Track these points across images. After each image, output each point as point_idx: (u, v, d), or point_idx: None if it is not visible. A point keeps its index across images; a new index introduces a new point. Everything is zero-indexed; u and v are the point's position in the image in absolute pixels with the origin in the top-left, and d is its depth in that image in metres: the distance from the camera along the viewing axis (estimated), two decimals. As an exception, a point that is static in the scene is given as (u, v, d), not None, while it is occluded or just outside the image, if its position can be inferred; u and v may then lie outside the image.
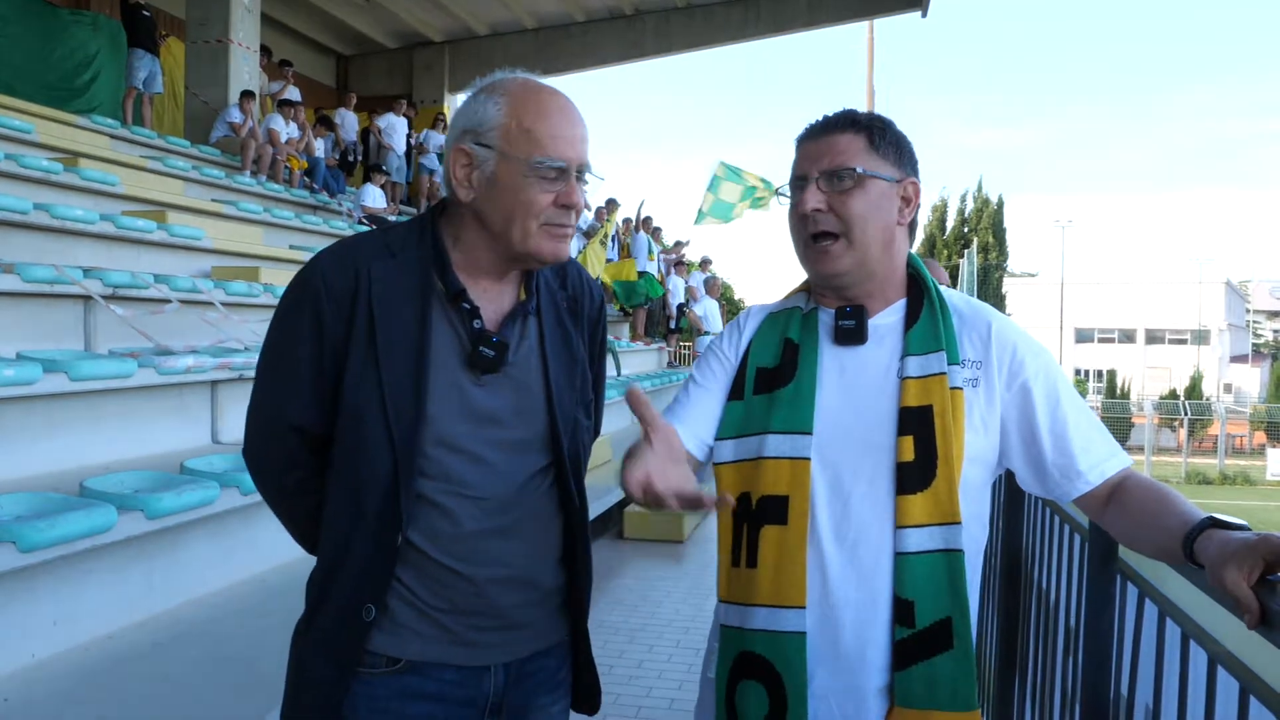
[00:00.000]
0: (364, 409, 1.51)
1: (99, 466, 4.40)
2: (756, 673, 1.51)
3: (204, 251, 7.80)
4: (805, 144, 1.62)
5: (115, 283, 5.58)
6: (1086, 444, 1.57)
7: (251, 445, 1.68)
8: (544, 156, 1.52)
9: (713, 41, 18.62)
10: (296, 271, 1.63)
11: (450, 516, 1.54)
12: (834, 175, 1.55)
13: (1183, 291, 53.87)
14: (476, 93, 1.60)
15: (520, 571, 1.58)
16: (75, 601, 3.52)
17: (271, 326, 1.63)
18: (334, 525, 1.56)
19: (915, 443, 1.51)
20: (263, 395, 1.64)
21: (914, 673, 1.48)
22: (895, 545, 1.50)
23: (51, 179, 7.37)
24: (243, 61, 13.44)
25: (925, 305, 1.60)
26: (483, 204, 1.56)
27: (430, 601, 1.54)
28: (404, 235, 1.61)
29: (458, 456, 1.54)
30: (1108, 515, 1.57)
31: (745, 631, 1.53)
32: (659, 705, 4.21)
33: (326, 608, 1.55)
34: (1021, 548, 3.00)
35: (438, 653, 1.55)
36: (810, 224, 1.57)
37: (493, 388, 1.57)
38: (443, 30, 18.63)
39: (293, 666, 1.60)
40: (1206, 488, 32.94)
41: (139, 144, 10.73)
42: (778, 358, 1.62)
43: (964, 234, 39.59)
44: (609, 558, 6.70)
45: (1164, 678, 1.65)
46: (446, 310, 1.57)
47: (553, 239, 1.56)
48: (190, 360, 5.07)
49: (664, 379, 13.73)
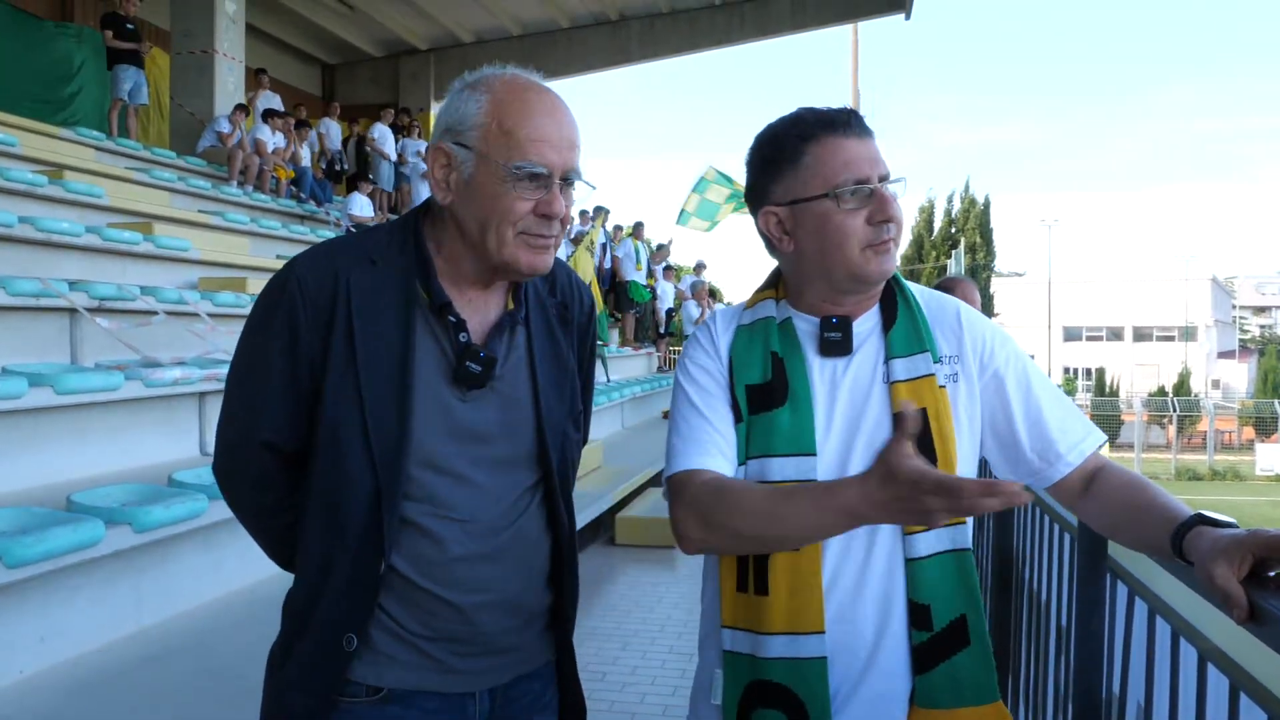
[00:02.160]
0: (343, 427, 1.43)
1: (86, 480, 4.38)
2: (776, 701, 1.46)
3: (190, 263, 7.77)
4: (849, 143, 1.49)
5: (101, 295, 5.55)
6: (1063, 426, 1.55)
7: (221, 461, 1.59)
8: (524, 161, 1.42)
9: (698, 46, 18.67)
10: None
11: (435, 541, 1.46)
12: (888, 180, 1.50)
13: (1169, 288, 54.14)
14: (461, 88, 1.50)
15: (508, 596, 1.52)
16: (63, 617, 3.50)
17: (243, 334, 1.53)
18: (312, 550, 1.48)
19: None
20: (233, 408, 1.55)
21: (936, 674, 1.46)
22: (906, 552, 1.48)
23: (36, 192, 7.33)
24: (227, 72, 13.41)
25: (900, 303, 1.56)
26: (460, 208, 1.47)
27: (413, 629, 1.47)
28: (386, 241, 1.52)
29: (443, 478, 1.46)
30: (1085, 503, 1.56)
31: (760, 660, 1.47)
32: (653, 712, 4.19)
33: (305, 636, 1.47)
34: (1012, 548, 3.01)
35: (421, 681, 1.48)
36: (888, 230, 1.49)
37: (479, 403, 1.49)
38: (428, 38, 18.63)
39: (269, 697, 1.51)
40: (1196, 483, 33.08)
41: (124, 155, 10.70)
42: (766, 373, 1.53)
43: (951, 234, 39.68)
44: (602, 564, 6.68)
45: (1155, 675, 1.65)
46: (431, 322, 1.48)
47: (531, 250, 1.46)
48: (177, 372, 5.05)
49: (653, 384, 13.74)
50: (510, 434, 1.53)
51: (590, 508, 6.54)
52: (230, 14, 13.42)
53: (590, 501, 6.63)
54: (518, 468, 1.54)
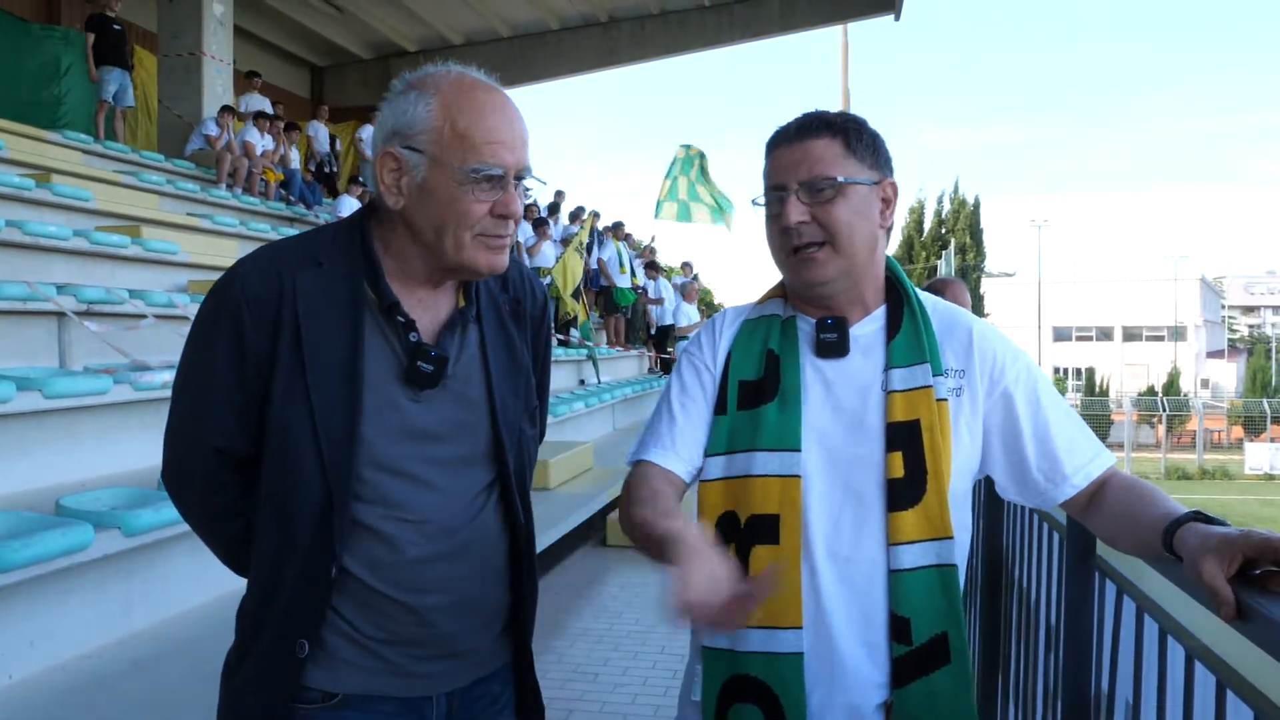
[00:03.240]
0: (292, 431, 1.41)
1: (75, 484, 4.36)
2: (751, 696, 1.47)
3: (179, 266, 7.75)
4: (779, 151, 1.54)
5: (90, 299, 5.53)
6: (1070, 446, 1.55)
7: (170, 468, 1.55)
8: (480, 164, 1.40)
9: (688, 47, 18.66)
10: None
11: (390, 543, 1.44)
12: (813, 186, 1.49)
13: (1159, 289, 54.42)
14: (405, 89, 1.46)
15: (465, 597, 1.50)
16: (53, 621, 3.48)
17: (189, 339, 1.50)
18: (263, 554, 1.46)
19: (904, 459, 1.48)
20: (181, 413, 1.51)
21: (913, 689, 1.46)
22: (889, 563, 1.48)
23: (24, 195, 7.30)
24: (215, 74, 13.37)
25: (906, 314, 1.56)
26: (413, 212, 1.44)
27: (369, 633, 1.46)
28: (331, 242, 1.49)
29: (396, 479, 1.45)
30: (1090, 514, 1.56)
31: (738, 654, 1.48)
32: (644, 713, 4.20)
33: (258, 643, 1.45)
34: (1002, 547, 3.02)
35: (377, 685, 1.46)
36: (794, 236, 1.51)
37: (431, 403, 1.48)
38: (417, 40, 18.59)
39: (224, 704, 1.51)
40: (1185, 483, 33.25)
41: (112, 159, 10.65)
42: (760, 370, 1.56)
43: (941, 235, 39.78)
44: (593, 565, 6.68)
45: (1143, 673, 1.66)
46: (380, 322, 1.46)
47: (488, 250, 1.45)
48: (166, 375, 5.03)
49: (644, 385, 13.75)
50: (464, 433, 1.51)
51: (581, 509, 6.52)
52: (218, 16, 13.37)
53: (581, 503, 6.61)
54: (473, 467, 1.52)
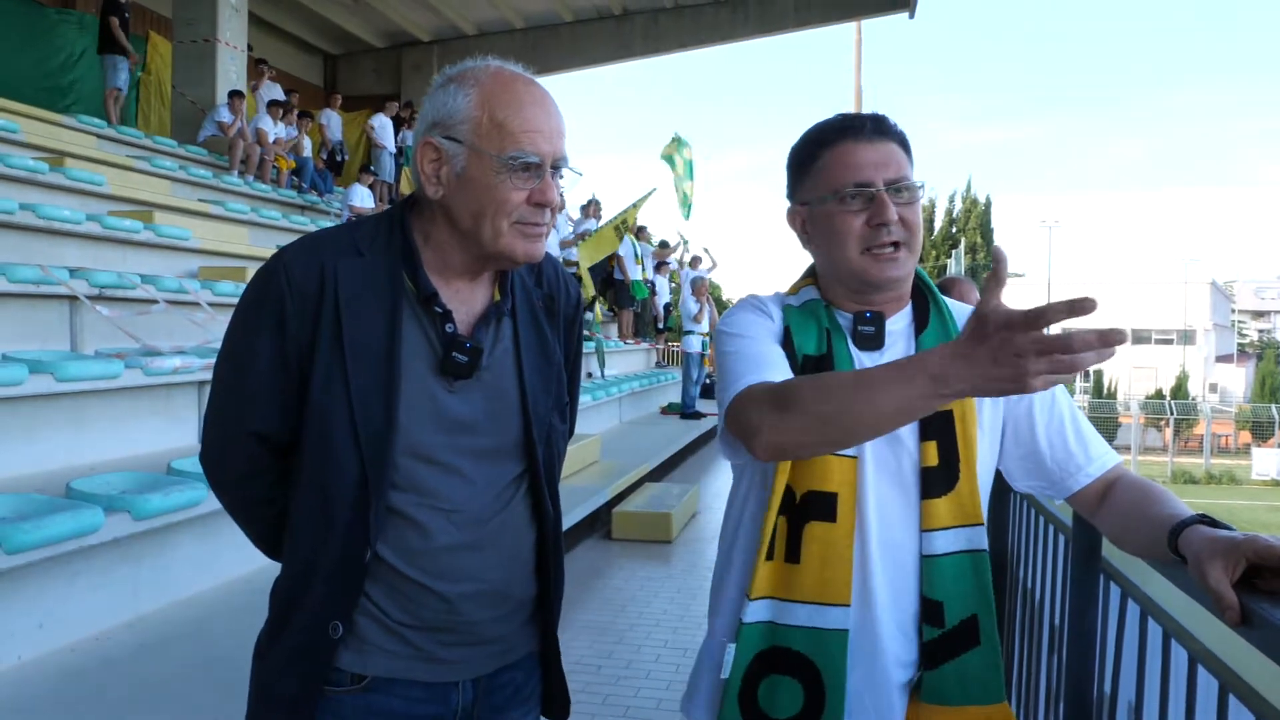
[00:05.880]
0: (330, 417, 1.44)
1: (85, 467, 4.40)
2: (790, 669, 1.50)
3: (191, 251, 7.78)
4: (857, 147, 1.55)
5: (101, 283, 5.56)
6: (1084, 439, 1.59)
7: (210, 452, 1.58)
8: (518, 151, 1.43)
9: (702, 42, 18.65)
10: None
11: (422, 530, 1.47)
12: (898, 186, 1.53)
13: (1169, 292, 54.17)
14: (445, 82, 1.49)
15: (493, 586, 1.53)
16: (61, 603, 3.51)
17: (231, 325, 1.53)
18: (299, 537, 1.49)
19: (939, 448, 1.52)
20: (222, 399, 1.54)
21: (945, 671, 1.51)
22: (923, 548, 1.52)
23: (38, 179, 7.34)
24: (230, 60, 13.40)
25: (932, 310, 1.61)
26: (452, 201, 1.47)
27: (398, 618, 1.48)
28: (373, 232, 1.53)
29: (429, 467, 1.48)
30: (1100, 513, 1.58)
31: (780, 627, 1.51)
32: (647, 705, 4.21)
33: (292, 624, 1.48)
34: (1006, 547, 3.02)
35: (404, 669, 1.49)
36: (886, 233, 1.52)
37: (465, 394, 1.50)
38: (431, 30, 18.60)
39: (255, 684, 1.53)
40: (1192, 487, 33.14)
41: (126, 144, 10.70)
42: (822, 347, 1.57)
43: (952, 234, 39.73)
44: (597, 558, 6.69)
45: (1146, 676, 1.66)
46: (417, 313, 1.49)
47: (526, 239, 1.48)
48: (177, 361, 5.06)
49: (651, 379, 13.77)
50: (496, 424, 1.53)
51: (586, 502, 6.55)
52: (233, 2, 13.40)
53: (586, 496, 6.63)
54: (503, 458, 1.54)
